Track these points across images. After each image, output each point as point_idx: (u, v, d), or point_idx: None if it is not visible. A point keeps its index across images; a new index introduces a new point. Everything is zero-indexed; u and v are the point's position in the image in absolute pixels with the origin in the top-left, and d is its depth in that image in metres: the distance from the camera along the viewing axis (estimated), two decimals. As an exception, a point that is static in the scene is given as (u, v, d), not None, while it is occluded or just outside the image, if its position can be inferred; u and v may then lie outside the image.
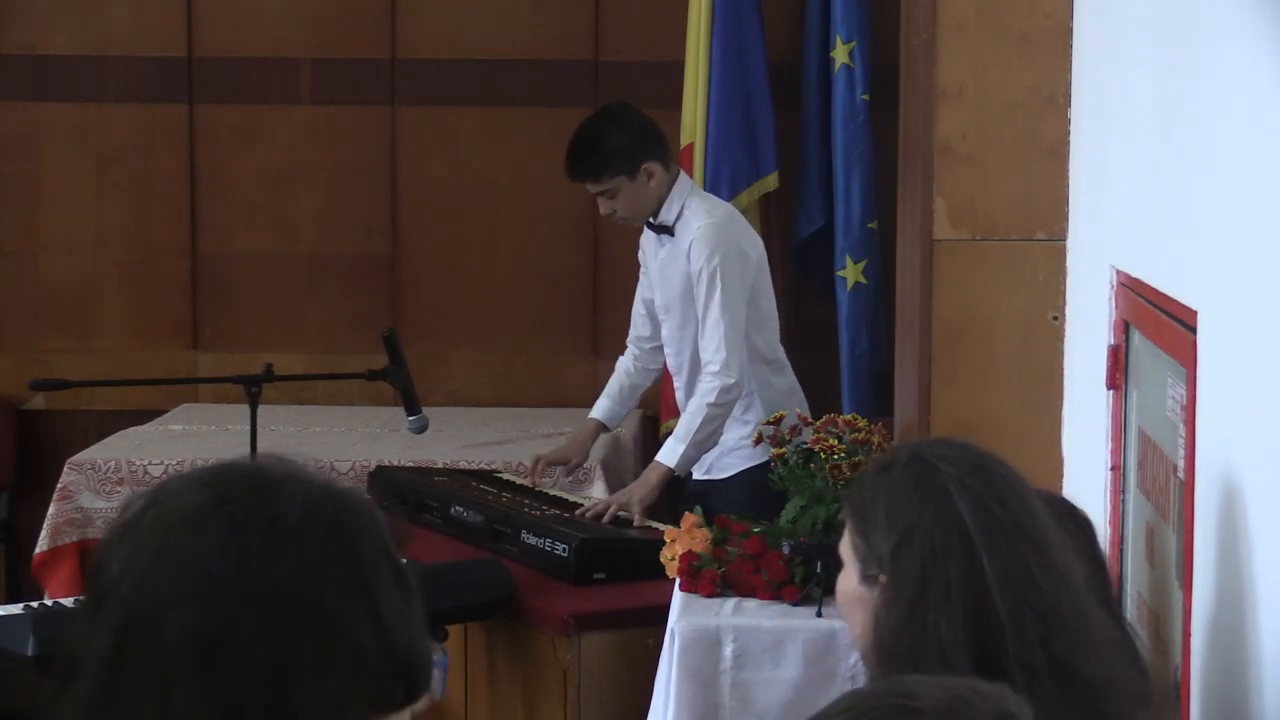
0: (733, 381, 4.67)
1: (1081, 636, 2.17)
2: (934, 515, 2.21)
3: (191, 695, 1.38)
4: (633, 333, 5.18)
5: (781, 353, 4.99)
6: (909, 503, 2.23)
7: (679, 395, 5.04)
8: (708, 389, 4.67)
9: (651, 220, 4.88)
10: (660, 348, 5.11)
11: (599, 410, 5.13)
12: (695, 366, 4.86)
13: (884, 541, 2.24)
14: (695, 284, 4.74)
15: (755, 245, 4.90)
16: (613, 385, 5.16)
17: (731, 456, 4.89)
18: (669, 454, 4.72)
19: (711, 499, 4.71)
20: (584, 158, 4.78)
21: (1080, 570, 2.25)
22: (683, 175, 4.93)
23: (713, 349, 4.70)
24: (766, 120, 6.25)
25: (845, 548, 2.33)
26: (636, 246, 5.13)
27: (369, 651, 1.42)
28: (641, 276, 5.10)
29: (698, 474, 4.95)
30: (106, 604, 1.43)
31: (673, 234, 4.84)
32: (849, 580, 2.31)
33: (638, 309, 5.15)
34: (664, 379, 6.00)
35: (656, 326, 5.10)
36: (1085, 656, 2.15)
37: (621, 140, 4.77)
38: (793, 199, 6.39)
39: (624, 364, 5.17)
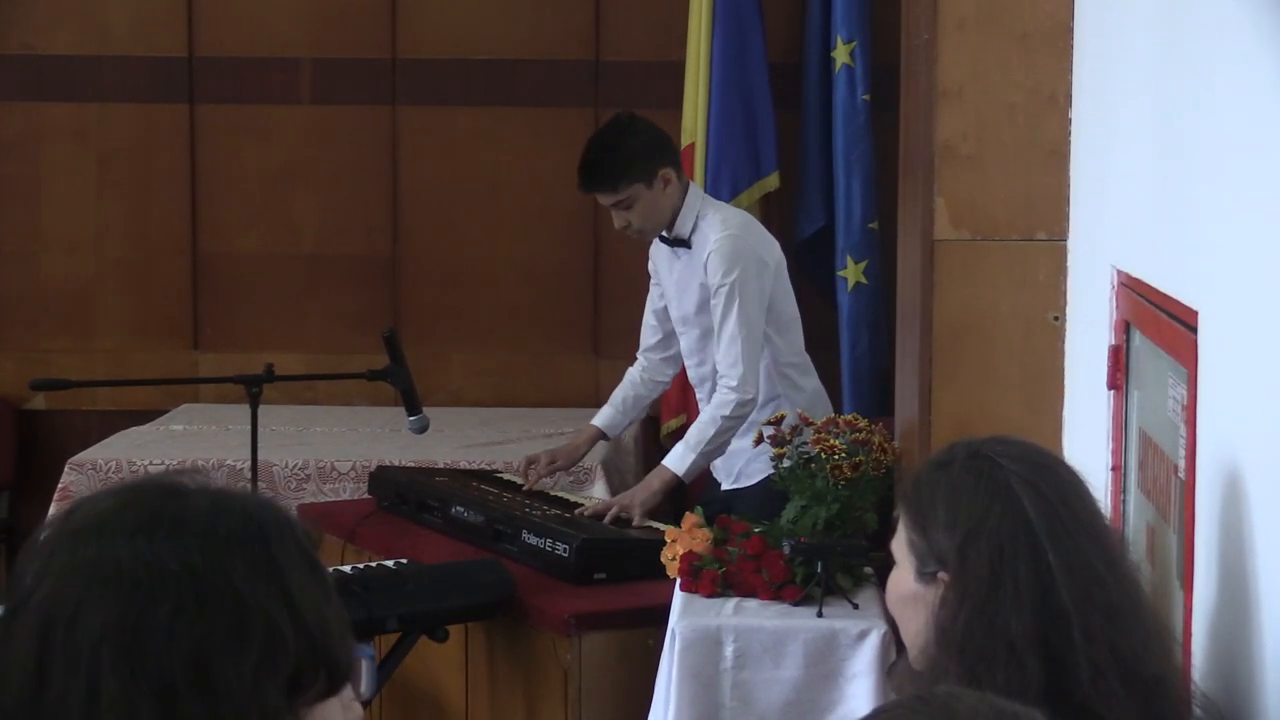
0: (749, 396, 4.67)
1: (1143, 634, 2.18)
2: (1000, 512, 2.21)
3: (118, 686, 1.42)
4: (642, 344, 5.16)
5: (805, 355, 4.99)
6: (972, 499, 2.22)
7: (702, 407, 5.02)
8: (724, 401, 4.66)
9: (665, 234, 4.86)
10: (669, 359, 5.09)
11: (600, 418, 5.12)
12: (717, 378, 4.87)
13: (947, 539, 2.23)
14: (713, 297, 4.73)
15: (773, 251, 4.88)
16: (617, 395, 5.15)
17: (758, 463, 4.85)
18: (677, 460, 4.70)
19: (738, 506, 4.69)
20: (600, 167, 4.74)
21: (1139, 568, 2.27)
22: (693, 186, 4.91)
23: (729, 363, 4.69)
24: (767, 120, 6.25)
25: (899, 545, 2.32)
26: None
27: (283, 629, 1.46)
28: (652, 288, 5.08)
29: (726, 484, 4.94)
30: (23, 614, 1.46)
31: (689, 246, 4.82)
32: (904, 578, 2.30)
33: (647, 319, 5.13)
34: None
35: (666, 338, 5.08)
36: (1147, 654, 2.16)
37: (637, 147, 4.74)
38: (793, 199, 6.39)
39: (631, 374, 5.16)
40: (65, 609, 1.44)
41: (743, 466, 4.90)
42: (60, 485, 5.63)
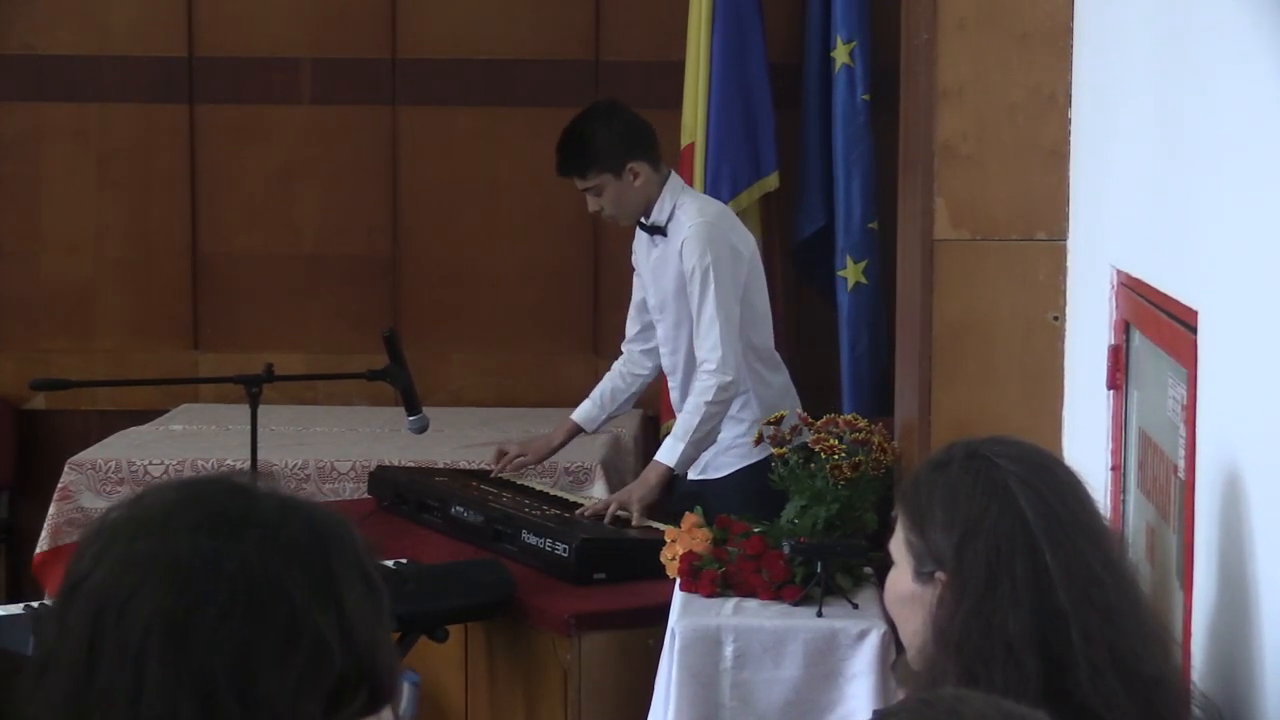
0: (730, 379, 4.67)
1: (1141, 634, 2.18)
2: (997, 512, 2.21)
3: (162, 678, 1.41)
4: (626, 335, 5.17)
5: (774, 351, 4.99)
6: (969, 499, 2.23)
7: (674, 395, 5.03)
8: (705, 387, 4.67)
9: (643, 221, 4.88)
10: (649, 351, 5.09)
11: (578, 412, 5.13)
12: (690, 366, 4.85)
13: (944, 538, 2.23)
14: (689, 282, 4.73)
15: (747, 242, 4.89)
16: (596, 389, 5.16)
17: (727, 455, 4.88)
18: (668, 453, 4.71)
19: (706, 498, 4.70)
20: (570, 154, 4.80)
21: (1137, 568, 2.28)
22: (673, 175, 4.92)
23: (709, 347, 4.69)
24: (767, 120, 6.25)
25: (897, 545, 2.32)
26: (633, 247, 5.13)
27: (331, 644, 1.45)
28: (635, 278, 5.10)
29: (693, 474, 4.94)
30: (79, 596, 1.46)
31: (665, 234, 4.83)
32: (902, 578, 2.30)
33: (631, 311, 5.15)
34: (663, 379, 6.00)
35: (645, 329, 5.08)
36: (1145, 654, 2.17)
37: (607, 139, 4.77)
38: (793, 199, 6.39)
39: (614, 367, 5.17)
40: (119, 595, 1.44)
41: (711, 459, 4.90)
42: (60, 485, 5.62)
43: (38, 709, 1.44)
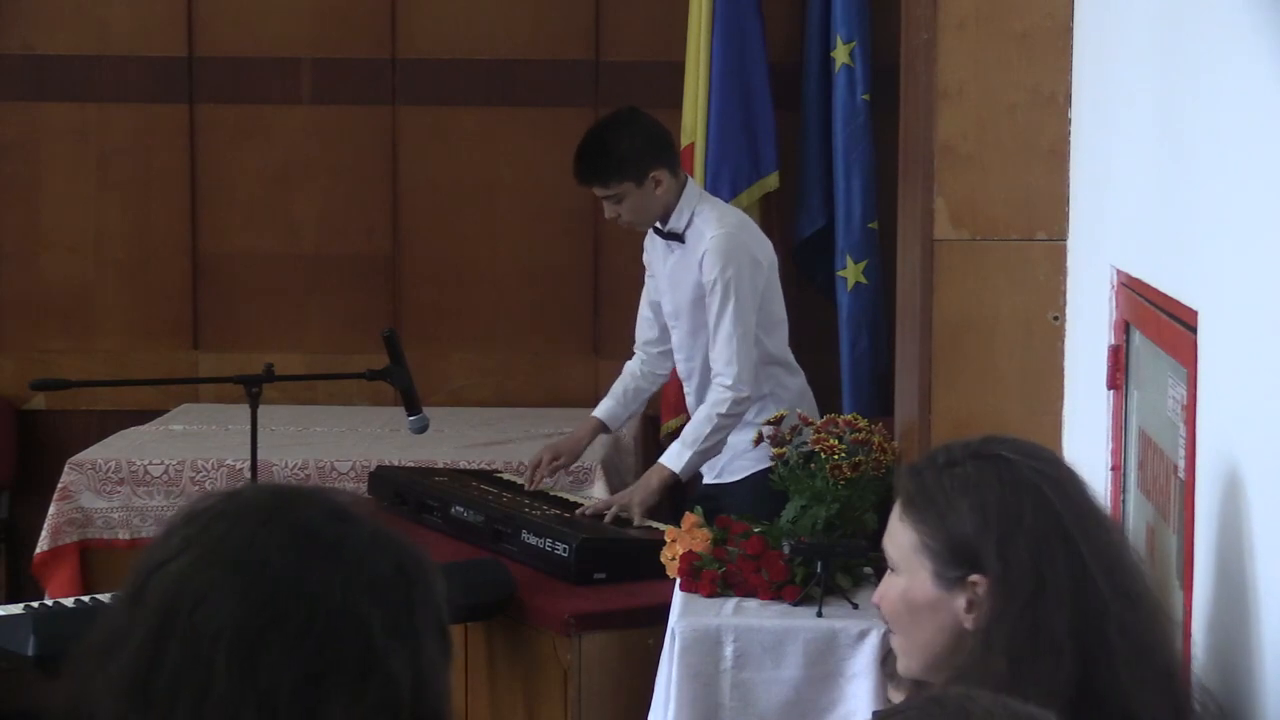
0: (745, 394, 4.69)
1: (1157, 621, 2.18)
2: (1031, 508, 2.17)
3: (228, 686, 1.39)
4: (639, 337, 5.17)
5: (791, 354, 5.00)
6: (1000, 498, 2.18)
7: (689, 400, 5.04)
8: (719, 399, 4.68)
9: (660, 227, 4.88)
10: (667, 352, 5.10)
11: (601, 410, 5.14)
12: (706, 373, 4.86)
13: (979, 540, 2.18)
14: (708, 294, 4.75)
15: (766, 250, 4.91)
16: (617, 387, 5.16)
17: (743, 459, 4.88)
18: (674, 458, 4.71)
19: (722, 502, 4.71)
20: (592, 162, 4.78)
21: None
22: (691, 182, 4.93)
23: (724, 361, 4.71)
24: (767, 120, 6.25)
25: (903, 551, 2.27)
26: (637, 246, 5.13)
27: (403, 689, 1.43)
28: (647, 280, 5.10)
29: (709, 477, 4.95)
30: (155, 579, 1.44)
31: (683, 241, 4.83)
32: (918, 585, 2.24)
33: (643, 312, 5.14)
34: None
35: (662, 330, 5.09)
36: (1161, 642, 2.16)
37: (630, 147, 4.76)
38: (793, 199, 6.39)
39: (631, 366, 5.17)
40: (195, 590, 1.42)
41: (727, 462, 4.91)
42: (60, 485, 5.62)
43: (99, 687, 1.42)
